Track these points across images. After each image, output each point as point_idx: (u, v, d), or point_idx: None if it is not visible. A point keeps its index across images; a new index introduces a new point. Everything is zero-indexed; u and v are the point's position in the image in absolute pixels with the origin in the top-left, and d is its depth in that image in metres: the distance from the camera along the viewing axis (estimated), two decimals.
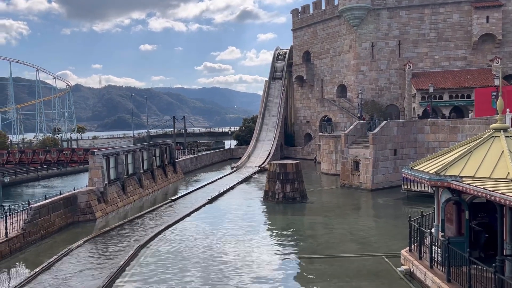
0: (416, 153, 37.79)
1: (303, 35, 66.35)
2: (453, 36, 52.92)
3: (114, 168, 33.57)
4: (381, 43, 54.91)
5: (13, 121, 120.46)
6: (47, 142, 76.61)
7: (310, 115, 66.56)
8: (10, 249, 20.68)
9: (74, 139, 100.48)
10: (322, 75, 63.11)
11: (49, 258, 19.45)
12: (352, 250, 20.05)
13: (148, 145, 42.65)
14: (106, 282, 16.04)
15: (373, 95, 55.44)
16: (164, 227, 24.61)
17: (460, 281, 12.81)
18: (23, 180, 51.53)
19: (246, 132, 74.80)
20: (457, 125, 36.87)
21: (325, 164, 48.10)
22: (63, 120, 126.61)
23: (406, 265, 16.58)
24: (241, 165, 56.46)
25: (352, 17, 55.25)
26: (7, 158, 47.91)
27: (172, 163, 47.35)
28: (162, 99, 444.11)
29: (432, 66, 53.42)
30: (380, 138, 36.85)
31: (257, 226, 25.37)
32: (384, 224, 25.57)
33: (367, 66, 55.72)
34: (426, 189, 29.72)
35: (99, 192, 30.16)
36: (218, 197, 34.87)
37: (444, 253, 13.80)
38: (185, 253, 20.14)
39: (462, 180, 13.09)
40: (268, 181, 32.84)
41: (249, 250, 20.35)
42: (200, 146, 78.40)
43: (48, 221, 24.52)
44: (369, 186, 36.20)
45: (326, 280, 16.41)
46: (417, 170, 15.63)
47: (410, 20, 53.94)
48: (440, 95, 48.08)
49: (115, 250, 20.92)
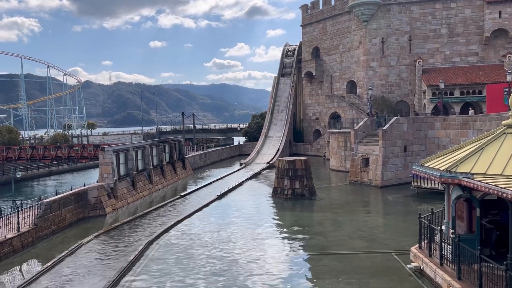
0: (426, 149, 37.46)
1: (312, 31, 66.03)
2: (464, 32, 52.27)
3: (124, 164, 33.80)
4: (391, 38, 54.42)
5: (24, 117, 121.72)
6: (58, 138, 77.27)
7: (319, 111, 66.32)
8: (22, 244, 20.96)
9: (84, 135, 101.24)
10: (332, 71, 62.78)
11: (60, 252, 19.70)
12: (361, 247, 19.98)
13: (158, 141, 42.87)
14: (116, 277, 16.19)
15: (383, 91, 55.03)
16: (173, 223, 24.75)
17: (471, 278, 12.70)
18: (34, 175, 52.17)
19: (255, 128, 74.76)
20: (468, 122, 36.46)
21: (334, 160, 47.93)
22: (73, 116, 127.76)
23: (415, 262, 16.48)
24: (249, 162, 56.49)
25: (362, 13, 54.82)
26: (19, 153, 48.36)
27: (182, 159, 47.54)
28: (171, 96, 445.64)
29: (443, 62, 52.84)
30: (390, 134, 36.59)
31: (265, 223, 25.39)
32: (393, 221, 25.43)
33: (377, 62, 55.30)
34: (436, 186, 29.28)
35: (109, 188, 30.40)
36: (227, 193, 34.95)
37: (454, 250, 13.68)
38: (194, 248, 20.24)
39: (473, 177, 12.96)
40: (277, 178, 32.82)
41: (257, 246, 20.38)
42: (209, 143, 78.52)
43: (59, 216, 24.79)
44: (379, 183, 36.00)
45: (335, 276, 16.38)
46: (428, 166, 15.50)
47: (421, 16, 53.36)
48: (451, 91, 47.58)
49: (125, 245, 21.10)
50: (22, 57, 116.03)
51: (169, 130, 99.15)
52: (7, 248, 19.83)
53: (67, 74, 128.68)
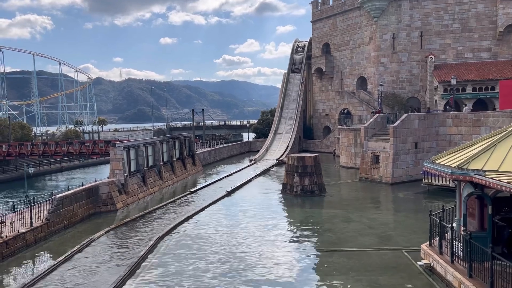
0: (438, 146, 37.13)
1: (322, 27, 65.66)
2: (477, 27, 51.55)
3: (134, 160, 34.06)
4: (403, 34, 53.89)
5: (36, 113, 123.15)
6: (69, 134, 78.19)
7: (329, 107, 66.03)
8: (35, 238, 21.27)
9: (95, 131, 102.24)
10: (342, 67, 62.42)
11: (72, 247, 19.95)
12: (371, 244, 19.90)
13: (168, 137, 43.08)
14: (126, 272, 16.36)
15: (394, 88, 54.58)
16: (183, 219, 24.90)
17: (482, 276, 12.59)
18: (46, 171, 52.81)
19: (264, 125, 74.72)
20: (480, 118, 36.03)
21: (344, 157, 47.74)
22: (84, 112, 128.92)
23: (426, 259, 16.39)
24: (259, 158, 56.53)
25: (372, 8, 54.36)
26: (31, 149, 49.05)
27: (191, 155, 47.74)
28: (181, 92, 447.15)
29: (455, 57, 52.20)
30: (400, 131, 36.32)
31: (275, 219, 25.41)
32: (404, 218, 25.28)
33: (387, 58, 54.83)
34: (447, 183, 29.20)
35: (120, 184, 30.66)
36: (237, 189, 35.04)
37: (466, 248, 13.57)
38: (204, 244, 20.35)
39: (485, 174, 12.82)
40: (286, 174, 32.80)
41: (267, 243, 20.42)
42: (218, 139, 78.71)
43: (71, 211, 25.10)
44: (389, 180, 35.79)
45: (345, 273, 16.36)
46: (439, 163, 15.37)
47: (433, 11, 52.72)
48: (463, 87, 47.00)
49: (136, 240, 21.29)
50: (34, 54, 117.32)
51: (179, 126, 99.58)
52: (21, 243, 20.14)
53: (78, 71, 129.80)
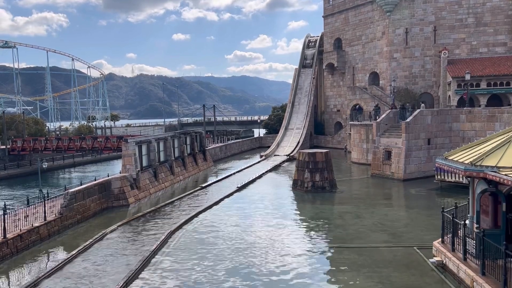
0: (451, 142, 36.68)
1: (334, 22, 65.15)
2: (492, 21, 50.64)
3: (146, 156, 34.31)
4: (416, 29, 53.22)
5: (50, 109, 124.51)
6: (82, 129, 79.02)
7: (340, 103, 65.63)
8: (48, 232, 21.59)
9: (108, 127, 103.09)
10: (354, 63, 61.92)
11: (84, 241, 20.21)
12: (382, 240, 19.79)
13: (179, 133, 43.30)
14: (138, 266, 16.53)
15: (407, 83, 53.99)
16: (194, 214, 25.04)
17: (495, 274, 12.45)
18: (59, 166, 53.52)
19: (275, 120, 74.60)
20: (495, 114, 35.51)
21: (356, 153, 47.45)
22: (97, 108, 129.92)
23: (438, 256, 16.24)
24: (270, 154, 56.49)
25: (385, 3, 53.75)
26: (45, 145, 49.70)
27: (202, 151, 47.92)
28: (193, 88, 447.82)
29: (470, 52, 51.39)
30: (413, 127, 35.97)
31: (285, 215, 25.42)
32: (416, 215, 25.07)
33: (400, 53, 54.23)
34: (460, 180, 28.87)
35: (132, 179, 30.93)
36: (247, 185, 35.09)
37: (478, 245, 13.42)
38: (215, 239, 20.44)
39: (499, 171, 12.64)
40: (297, 170, 32.73)
41: (278, 238, 20.44)
42: (229, 135, 78.80)
43: (84, 206, 25.40)
44: (401, 176, 35.51)
45: (355, 270, 16.30)
46: (452, 160, 15.19)
47: (447, 5, 51.92)
48: (477, 82, 46.27)
49: (147, 235, 21.47)
50: (47, 50, 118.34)
51: (190, 122, 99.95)
52: (35, 236, 20.47)
53: (90, 67, 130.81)
